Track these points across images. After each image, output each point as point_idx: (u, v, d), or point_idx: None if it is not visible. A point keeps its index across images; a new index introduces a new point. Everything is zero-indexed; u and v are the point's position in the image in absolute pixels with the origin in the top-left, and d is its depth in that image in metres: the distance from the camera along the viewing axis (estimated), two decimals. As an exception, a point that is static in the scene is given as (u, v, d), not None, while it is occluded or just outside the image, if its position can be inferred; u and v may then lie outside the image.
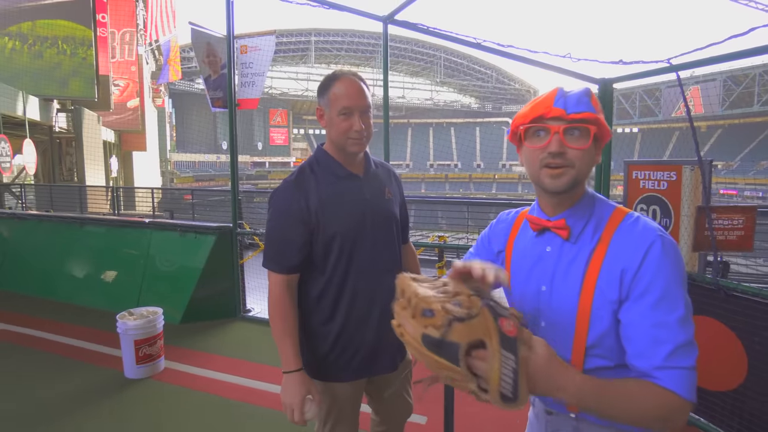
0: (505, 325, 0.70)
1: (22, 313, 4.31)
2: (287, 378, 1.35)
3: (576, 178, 0.89)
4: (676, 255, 0.85)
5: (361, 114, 1.37)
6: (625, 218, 0.90)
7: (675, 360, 0.80)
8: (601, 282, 0.88)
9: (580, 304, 0.90)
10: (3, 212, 6.13)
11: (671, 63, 2.43)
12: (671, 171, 2.72)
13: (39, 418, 2.63)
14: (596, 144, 0.91)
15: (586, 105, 0.88)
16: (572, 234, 0.92)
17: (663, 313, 0.82)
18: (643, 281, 0.84)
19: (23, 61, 12.38)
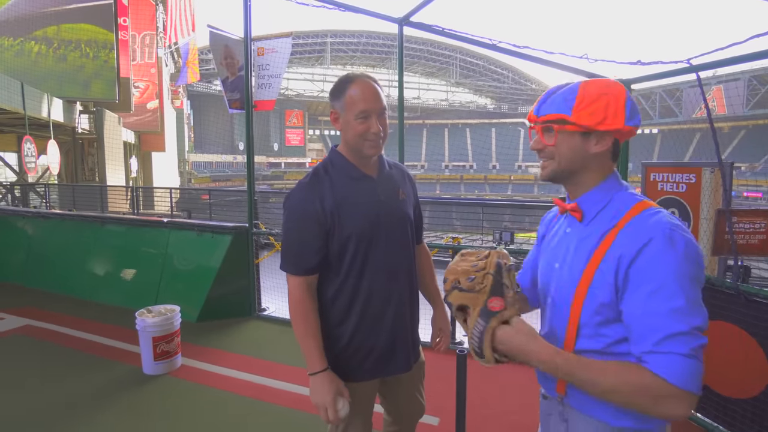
0: (493, 302, 0.92)
1: (45, 310, 4.43)
2: (314, 379, 1.35)
3: (556, 169, 0.99)
4: (685, 251, 0.85)
5: (378, 116, 1.38)
6: (644, 210, 0.92)
7: (665, 345, 0.82)
8: (603, 265, 0.91)
9: (580, 282, 0.95)
10: (28, 211, 6.32)
11: (691, 63, 2.39)
12: (690, 173, 2.68)
13: (60, 412, 2.70)
14: (586, 136, 0.95)
15: (557, 105, 0.95)
16: (585, 217, 0.99)
17: (658, 303, 0.83)
18: (642, 272, 0.86)
19: (48, 65, 12.74)
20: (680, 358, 0.81)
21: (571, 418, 1.02)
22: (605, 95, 0.92)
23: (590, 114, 0.92)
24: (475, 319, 0.93)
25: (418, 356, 1.62)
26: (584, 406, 0.98)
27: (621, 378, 0.84)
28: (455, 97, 56.81)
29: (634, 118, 0.93)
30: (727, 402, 2.42)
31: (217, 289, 4.19)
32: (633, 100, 0.94)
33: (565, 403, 1.03)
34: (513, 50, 2.94)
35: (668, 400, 0.81)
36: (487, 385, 3.09)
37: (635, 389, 0.83)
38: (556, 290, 1.02)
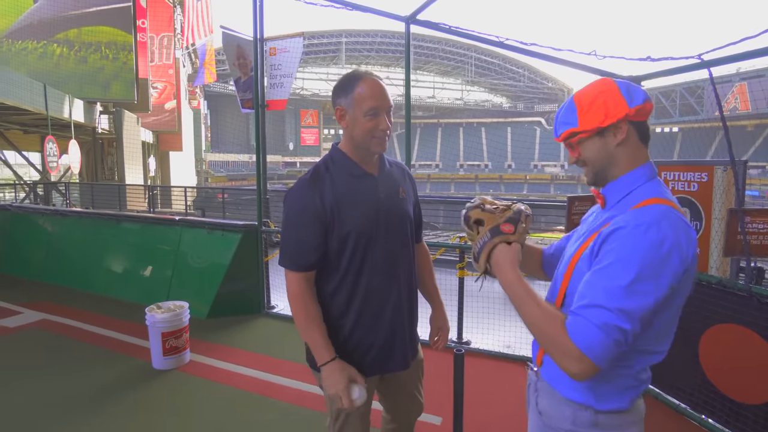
0: (505, 226, 1.06)
1: (62, 304, 4.55)
2: (325, 369, 1.35)
3: (594, 172, 1.05)
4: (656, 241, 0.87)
5: (387, 113, 1.39)
6: (652, 204, 0.95)
7: (585, 311, 0.89)
8: (594, 243, 0.97)
9: (572, 257, 1.03)
10: (47, 209, 6.50)
11: (702, 59, 2.33)
12: (702, 172, 2.62)
13: (70, 404, 2.77)
14: (601, 135, 1.01)
15: (565, 123, 1.04)
16: (607, 203, 1.06)
17: (602, 276, 0.90)
18: (606, 249, 0.92)
19: (70, 67, 13.07)
20: (590, 326, 0.87)
21: (540, 388, 1.11)
22: (599, 94, 0.99)
23: (593, 116, 0.99)
24: (485, 231, 1.07)
25: (416, 354, 1.62)
26: (551, 378, 1.06)
27: (541, 319, 0.94)
28: (470, 96, 56.45)
29: (635, 98, 0.98)
30: (739, 407, 2.36)
31: (226, 287, 4.24)
32: (625, 83, 0.99)
33: (539, 374, 1.11)
34: (520, 47, 2.90)
35: (566, 356, 0.89)
36: (490, 387, 3.07)
37: (551, 334, 0.92)
38: (559, 266, 1.12)
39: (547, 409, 1.06)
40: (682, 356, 2.64)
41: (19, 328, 3.99)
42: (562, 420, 1.03)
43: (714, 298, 2.43)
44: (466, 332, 3.74)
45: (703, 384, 2.54)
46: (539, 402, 1.09)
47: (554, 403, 1.04)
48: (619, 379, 0.98)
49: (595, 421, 0.99)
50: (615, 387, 0.98)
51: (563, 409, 1.02)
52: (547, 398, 1.07)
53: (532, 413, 1.14)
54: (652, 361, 1.00)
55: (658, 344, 0.98)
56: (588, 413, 0.99)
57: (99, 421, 2.60)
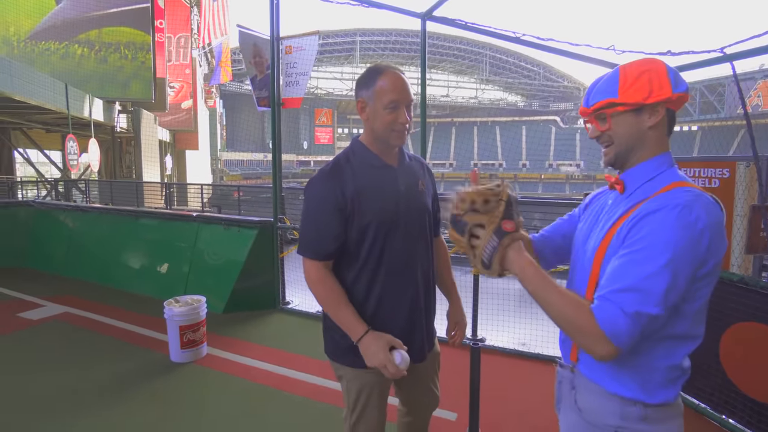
0: (506, 224, 1.00)
1: (83, 298, 4.66)
2: (362, 344, 1.35)
3: (618, 151, 1.02)
4: (689, 223, 0.86)
5: (406, 107, 1.40)
6: (676, 188, 0.93)
7: (617, 296, 0.87)
8: (619, 231, 0.96)
9: (600, 245, 1.00)
10: (68, 205, 6.66)
11: (725, 52, 2.28)
12: (724, 168, 2.57)
13: (91, 394, 2.84)
14: (638, 112, 0.98)
15: (604, 92, 1.00)
16: (626, 189, 1.03)
17: (631, 261, 0.88)
18: (637, 232, 0.90)
19: (90, 67, 13.37)
20: (620, 313, 0.86)
21: (579, 384, 1.06)
22: (647, 71, 0.96)
23: (637, 90, 0.95)
24: (489, 235, 1.02)
25: (432, 346, 1.62)
26: (593, 373, 1.02)
27: (566, 305, 0.92)
28: (485, 95, 56.05)
29: (680, 85, 0.96)
30: (761, 407, 2.31)
31: (242, 282, 4.29)
32: (673, 69, 0.97)
33: (576, 370, 1.07)
34: (537, 43, 2.88)
35: (591, 339, 0.88)
36: (507, 384, 3.06)
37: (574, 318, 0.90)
38: (580, 253, 1.09)
39: (591, 405, 1.02)
40: (702, 355, 2.60)
41: (42, 320, 4.10)
42: (608, 416, 0.99)
43: (735, 296, 2.39)
44: (481, 329, 3.72)
45: (724, 383, 2.49)
46: (579, 399, 1.05)
47: (599, 398, 1.01)
48: (667, 370, 0.96)
49: (644, 416, 0.97)
50: (663, 379, 0.97)
51: (610, 404, 0.99)
52: (589, 394, 1.03)
53: (568, 411, 1.09)
54: (693, 346, 0.98)
55: (697, 327, 0.97)
56: (637, 408, 0.97)
57: (117, 411, 2.66)
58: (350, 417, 1.54)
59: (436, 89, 54.45)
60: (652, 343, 0.94)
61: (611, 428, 0.99)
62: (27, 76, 9.64)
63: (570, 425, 1.09)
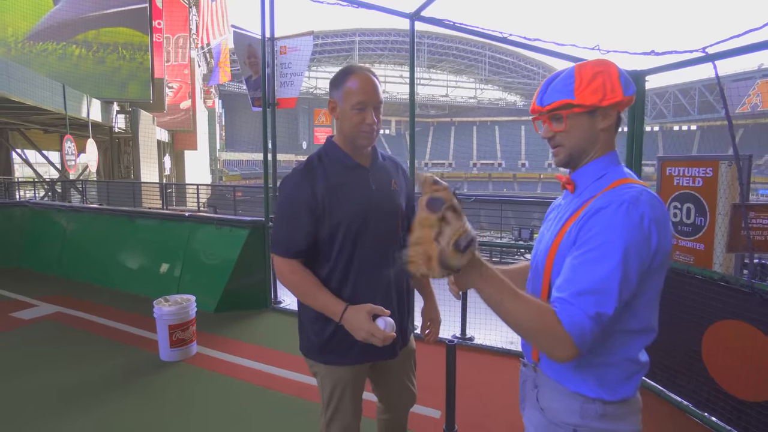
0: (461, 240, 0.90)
1: (75, 298, 4.68)
2: (344, 320, 1.35)
3: (570, 153, 1.03)
4: (634, 220, 0.88)
5: (374, 109, 1.42)
6: (621, 185, 0.95)
7: (577, 300, 0.88)
8: (569, 231, 0.97)
9: (551, 247, 1.01)
10: (63, 205, 6.68)
11: (707, 52, 2.30)
12: (707, 167, 2.58)
13: (81, 393, 2.86)
14: (592, 115, 0.99)
15: (559, 92, 1.00)
16: (577, 188, 1.04)
17: (585, 262, 0.89)
18: (587, 232, 0.91)
19: (88, 67, 13.38)
20: (584, 316, 0.87)
21: (541, 383, 1.07)
22: (600, 73, 0.97)
23: (592, 93, 0.96)
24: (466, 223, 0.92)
25: (405, 343, 1.64)
26: (555, 372, 1.03)
27: (529, 310, 0.89)
28: (484, 95, 56.09)
29: (629, 88, 0.98)
30: (741, 405, 2.33)
31: (234, 281, 4.31)
32: (623, 71, 0.99)
33: (538, 370, 1.08)
34: (524, 43, 2.89)
35: (556, 342, 0.87)
36: (492, 381, 3.07)
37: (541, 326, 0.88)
38: (537, 255, 1.09)
39: (552, 404, 1.03)
40: (684, 353, 2.61)
41: (34, 320, 4.12)
42: (569, 414, 1.00)
43: (716, 294, 2.40)
44: (470, 328, 3.75)
45: (706, 381, 2.51)
46: (541, 398, 1.06)
47: (560, 397, 1.01)
48: (623, 365, 0.97)
49: (603, 413, 0.97)
50: (621, 375, 0.97)
51: (570, 403, 1.00)
52: (551, 393, 1.04)
53: (531, 410, 1.10)
54: (648, 339, 0.99)
55: (649, 319, 0.97)
56: (596, 405, 0.97)
57: (106, 410, 2.67)
58: (325, 413, 1.56)
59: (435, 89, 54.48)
60: (605, 338, 0.95)
61: (570, 427, 0.99)
62: (24, 77, 9.66)
63: (533, 424, 1.09)
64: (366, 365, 1.57)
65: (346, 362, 1.51)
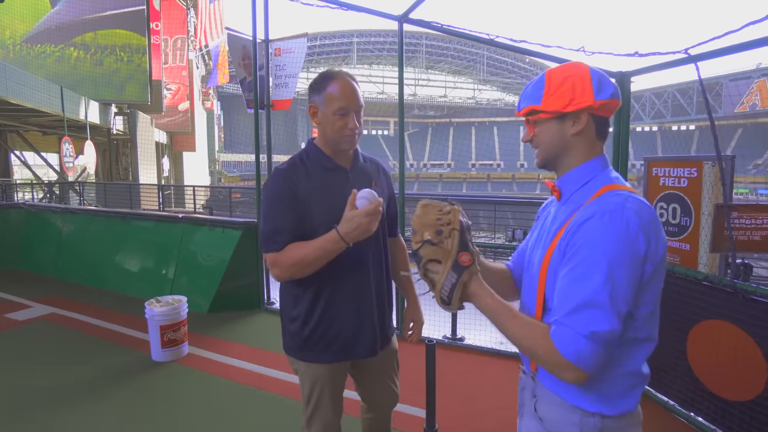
0: (463, 257, 0.98)
1: (70, 299, 4.69)
2: (346, 235, 1.33)
3: (543, 156, 1.04)
4: (621, 231, 0.86)
5: (356, 113, 1.44)
6: (608, 192, 0.94)
7: (569, 319, 0.87)
8: (560, 243, 0.95)
9: (543, 258, 0.99)
10: (58, 207, 6.70)
11: (689, 53, 2.32)
12: (692, 167, 2.60)
13: (74, 392, 2.88)
14: (560, 120, 0.98)
15: (530, 98, 1.01)
16: (563, 196, 1.03)
17: (574, 279, 0.88)
18: (574, 245, 0.90)
19: (86, 69, 13.41)
20: (578, 336, 0.85)
21: (539, 393, 1.05)
22: (570, 77, 0.95)
23: (558, 98, 0.95)
24: (447, 271, 0.99)
25: (387, 342, 1.65)
26: (553, 385, 1.01)
27: (526, 335, 0.93)
28: (482, 95, 56.14)
29: (602, 90, 0.95)
30: (725, 404, 2.34)
31: (227, 282, 4.33)
32: (599, 73, 0.96)
33: (536, 380, 1.06)
34: (510, 45, 2.92)
35: (558, 367, 0.88)
36: (482, 381, 3.09)
37: (533, 346, 0.92)
38: (530, 267, 1.08)
39: (550, 415, 1.01)
40: (670, 353, 2.63)
41: (28, 321, 4.14)
42: (568, 426, 0.98)
43: (700, 294, 2.42)
44: (461, 329, 3.76)
45: (691, 381, 2.53)
46: (539, 408, 1.04)
47: (559, 409, 0.99)
48: (626, 378, 0.95)
49: (602, 427, 0.95)
50: (623, 388, 0.95)
51: (569, 416, 0.97)
52: (549, 405, 1.02)
53: (528, 417, 1.09)
54: (650, 349, 0.97)
55: (651, 329, 0.96)
56: (595, 419, 0.95)
57: (97, 409, 2.69)
58: (306, 410, 1.59)
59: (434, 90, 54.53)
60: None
61: None
62: (22, 79, 9.68)
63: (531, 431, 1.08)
64: (346, 364, 1.59)
65: (325, 359, 1.53)
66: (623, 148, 2.80)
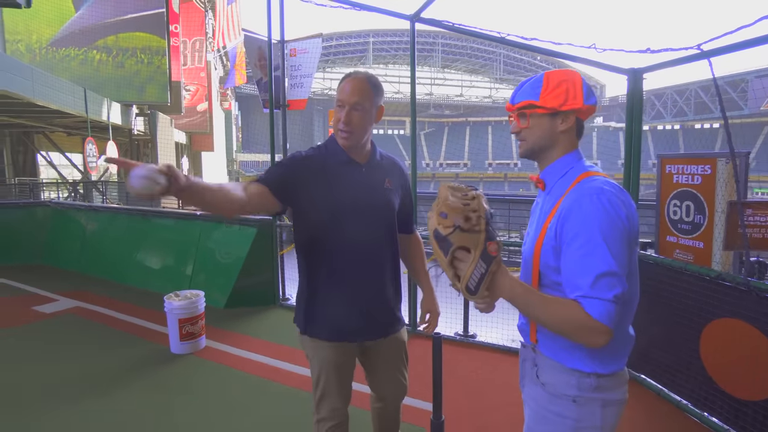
0: (491, 247, 1.00)
1: (93, 293, 4.87)
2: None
3: (530, 148, 1.16)
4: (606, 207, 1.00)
5: (350, 109, 1.49)
6: (585, 178, 1.08)
7: (593, 291, 0.98)
8: (551, 224, 1.08)
9: (536, 242, 1.12)
10: (82, 204, 6.92)
11: (702, 49, 2.30)
12: (705, 164, 2.58)
13: (95, 382, 3.00)
14: (552, 117, 1.12)
15: (527, 94, 1.13)
16: (546, 186, 1.16)
17: (580, 257, 1.01)
18: (570, 229, 1.03)
19: (108, 71, 13.76)
20: (605, 302, 0.98)
21: (540, 362, 1.18)
22: (565, 81, 1.10)
23: (554, 97, 1.09)
24: (476, 260, 1.00)
25: (394, 330, 1.70)
26: (552, 352, 1.14)
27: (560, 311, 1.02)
28: (499, 94, 55.62)
29: (590, 98, 1.11)
30: (739, 404, 2.32)
31: (243, 278, 4.43)
32: (587, 84, 1.12)
33: (537, 350, 1.19)
34: (521, 42, 2.92)
35: (593, 331, 0.99)
36: (491, 378, 3.11)
37: (574, 320, 1.00)
38: (525, 250, 1.21)
39: (552, 379, 1.14)
40: (683, 351, 2.61)
41: (55, 314, 4.30)
42: (567, 387, 1.11)
43: (714, 292, 2.40)
44: (472, 326, 3.78)
45: (704, 380, 2.51)
46: (541, 375, 1.17)
47: (558, 373, 1.12)
48: (618, 339, 1.06)
49: (597, 385, 1.09)
50: (614, 349, 1.08)
51: (568, 378, 1.10)
52: (549, 370, 1.15)
53: (531, 385, 1.21)
54: (634, 308, 1.12)
55: (635, 289, 1.10)
56: (591, 379, 1.09)
57: (119, 397, 2.81)
58: (315, 394, 1.65)
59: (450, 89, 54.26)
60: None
61: (569, 398, 1.11)
62: (48, 81, 10.00)
63: (534, 397, 1.21)
64: (352, 349, 1.64)
65: (323, 336, 1.60)
66: (636, 146, 2.79)
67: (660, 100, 44.53)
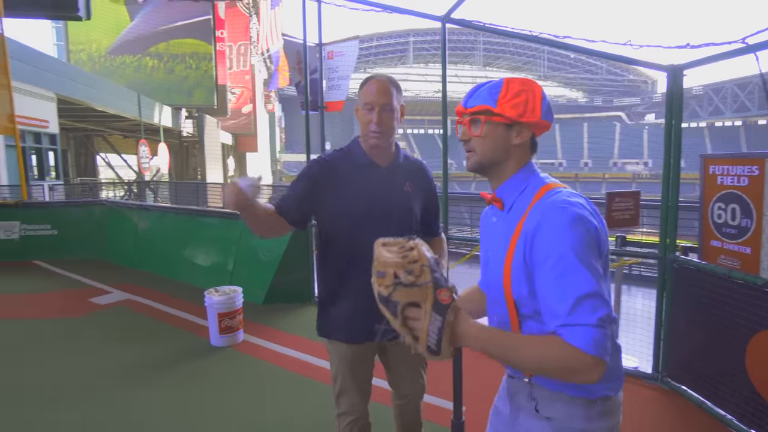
0: (442, 295, 0.88)
1: (143, 287, 5.19)
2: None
3: (480, 160, 1.06)
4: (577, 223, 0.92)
5: (380, 110, 1.53)
6: (546, 193, 0.99)
7: (574, 318, 0.86)
8: (518, 247, 0.99)
9: (504, 266, 1.02)
10: (134, 203, 7.37)
11: (747, 43, 2.18)
12: (753, 165, 2.44)
13: (140, 370, 3.22)
14: (509, 128, 1.03)
15: (483, 98, 1.02)
16: (505, 205, 1.06)
17: (556, 280, 0.90)
18: (539, 251, 0.94)
19: (159, 77, 14.59)
20: (591, 329, 0.85)
21: (538, 395, 1.05)
22: (525, 91, 1.01)
23: (512, 107, 1.00)
24: (429, 314, 0.88)
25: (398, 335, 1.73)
26: (555, 385, 1.01)
27: (542, 352, 0.88)
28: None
29: (548, 114, 1.03)
30: (787, 419, 2.17)
31: (280, 276, 4.58)
32: (547, 98, 1.03)
33: (533, 383, 1.05)
34: (554, 41, 2.86)
35: (582, 366, 0.85)
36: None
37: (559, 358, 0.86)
38: (488, 276, 1.10)
39: (557, 413, 1.02)
40: (727, 363, 2.47)
41: (108, 305, 4.63)
42: (576, 419, 1.00)
43: (762, 301, 2.26)
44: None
45: (751, 395, 2.36)
46: (543, 409, 1.04)
47: (563, 405, 1.01)
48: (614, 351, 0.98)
49: (603, 411, 0.99)
50: (614, 365, 0.98)
51: (573, 409, 1.00)
52: (553, 403, 1.02)
53: (529, 419, 1.07)
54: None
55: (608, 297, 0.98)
56: (597, 405, 0.99)
57: (159, 386, 3.00)
58: (334, 389, 1.71)
59: (492, 87, 53.20)
60: None
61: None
62: (106, 88, 10.73)
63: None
64: (371, 348, 1.69)
65: (340, 338, 1.66)
66: (676, 144, 2.66)
67: (718, 94, 41.76)
